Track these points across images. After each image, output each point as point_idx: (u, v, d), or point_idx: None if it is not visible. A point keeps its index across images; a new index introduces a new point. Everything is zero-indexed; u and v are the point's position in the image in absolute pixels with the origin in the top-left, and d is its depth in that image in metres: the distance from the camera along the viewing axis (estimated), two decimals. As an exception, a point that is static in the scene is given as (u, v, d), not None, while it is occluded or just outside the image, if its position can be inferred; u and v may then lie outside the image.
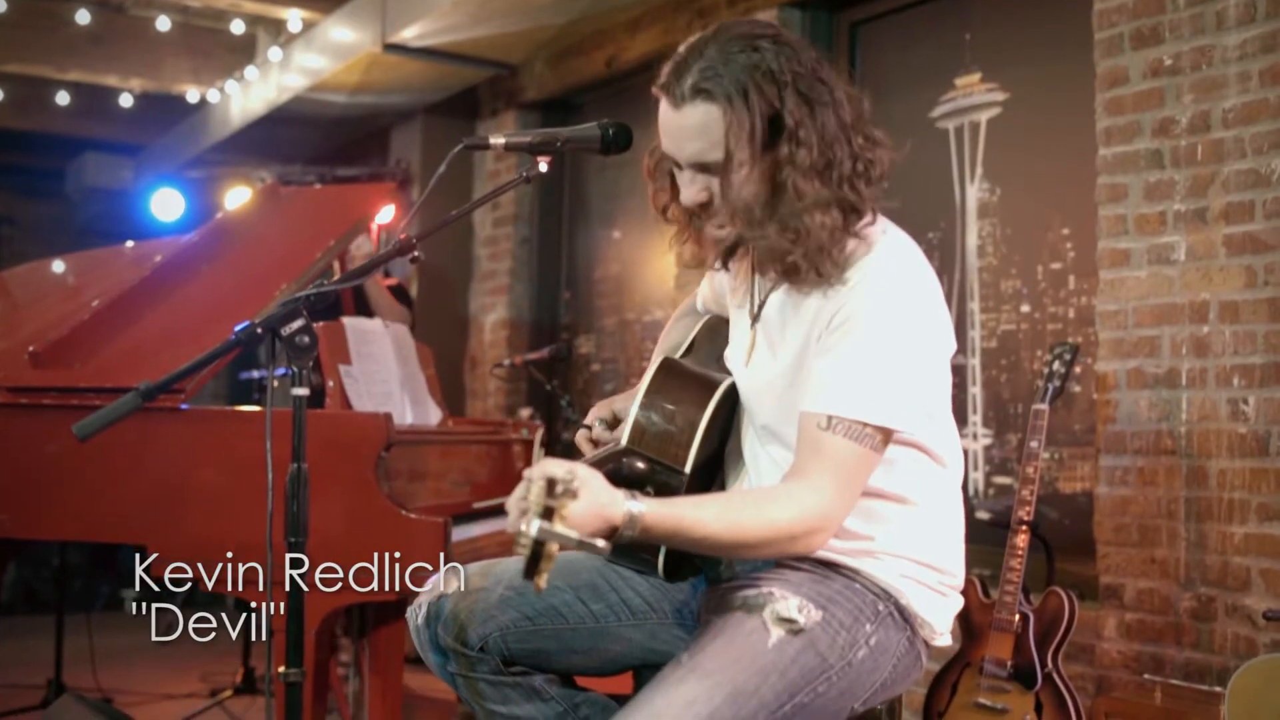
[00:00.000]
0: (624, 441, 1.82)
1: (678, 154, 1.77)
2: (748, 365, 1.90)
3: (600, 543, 1.46)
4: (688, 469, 1.79)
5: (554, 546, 1.42)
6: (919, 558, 1.84)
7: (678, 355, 2.08)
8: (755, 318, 1.90)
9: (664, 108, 1.76)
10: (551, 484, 1.41)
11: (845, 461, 1.68)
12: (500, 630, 1.88)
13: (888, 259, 1.76)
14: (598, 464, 1.66)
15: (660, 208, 1.91)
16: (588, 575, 1.96)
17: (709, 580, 1.95)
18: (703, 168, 1.75)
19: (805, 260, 1.73)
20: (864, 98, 1.80)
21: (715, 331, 2.08)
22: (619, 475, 1.58)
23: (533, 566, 1.42)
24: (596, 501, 1.53)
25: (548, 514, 1.40)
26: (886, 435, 1.72)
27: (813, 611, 1.74)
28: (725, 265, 1.98)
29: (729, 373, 1.94)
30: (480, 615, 1.88)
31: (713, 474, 1.93)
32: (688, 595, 1.97)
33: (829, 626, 1.74)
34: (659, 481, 1.66)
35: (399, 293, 4.95)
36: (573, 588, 1.94)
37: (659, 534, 1.59)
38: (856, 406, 1.68)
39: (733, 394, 1.92)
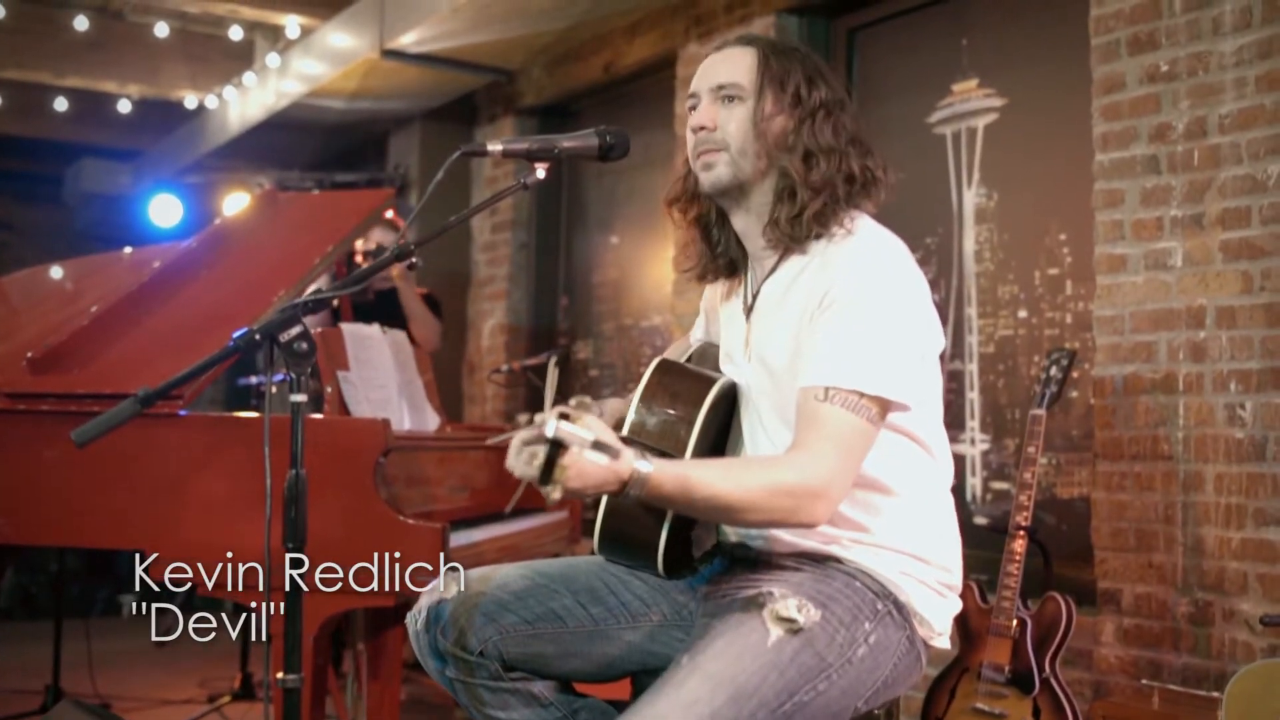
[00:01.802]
0: (624, 432, 1.84)
1: (707, 83, 1.91)
2: (745, 355, 1.94)
3: (617, 443, 1.48)
4: (687, 458, 1.81)
5: (569, 456, 1.43)
6: (916, 552, 1.86)
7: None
8: (749, 310, 1.95)
9: (705, 60, 1.94)
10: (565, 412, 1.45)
11: (843, 431, 1.71)
12: (499, 634, 1.89)
13: (876, 246, 1.84)
14: None
15: (687, 219, 2.03)
16: (586, 579, 1.97)
17: (708, 577, 1.96)
18: (724, 94, 1.88)
19: (809, 198, 1.83)
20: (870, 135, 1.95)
21: (711, 353, 2.11)
22: None
23: (548, 471, 1.43)
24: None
25: (564, 419, 1.43)
26: (883, 408, 1.75)
27: (812, 610, 1.75)
28: (723, 276, 2.04)
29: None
30: (479, 620, 1.89)
31: None
32: (686, 596, 1.98)
33: (828, 625, 1.76)
34: None
35: (430, 302, 4.86)
36: (571, 592, 1.95)
37: (665, 493, 1.61)
38: (852, 377, 1.72)
39: (730, 392, 1.95)
